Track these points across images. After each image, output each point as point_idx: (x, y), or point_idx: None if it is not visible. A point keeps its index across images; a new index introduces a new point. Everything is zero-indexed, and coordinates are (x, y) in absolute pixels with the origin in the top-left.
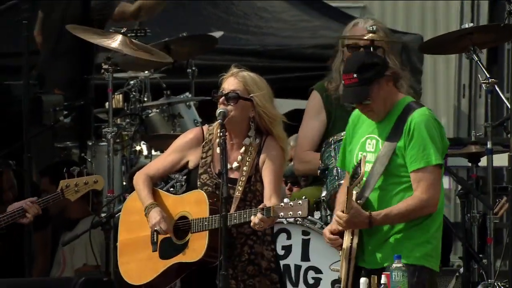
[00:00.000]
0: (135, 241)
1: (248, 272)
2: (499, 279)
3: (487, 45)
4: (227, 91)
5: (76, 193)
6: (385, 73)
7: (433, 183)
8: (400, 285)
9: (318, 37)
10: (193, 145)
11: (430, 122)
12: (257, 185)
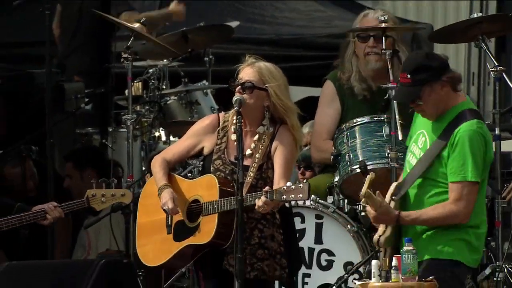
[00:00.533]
0: (151, 224)
1: (258, 256)
2: (506, 261)
3: (495, 34)
4: (243, 80)
5: (102, 204)
6: (441, 77)
7: (466, 197)
8: (410, 267)
9: (332, 27)
10: (208, 131)
11: (475, 137)
12: (269, 172)
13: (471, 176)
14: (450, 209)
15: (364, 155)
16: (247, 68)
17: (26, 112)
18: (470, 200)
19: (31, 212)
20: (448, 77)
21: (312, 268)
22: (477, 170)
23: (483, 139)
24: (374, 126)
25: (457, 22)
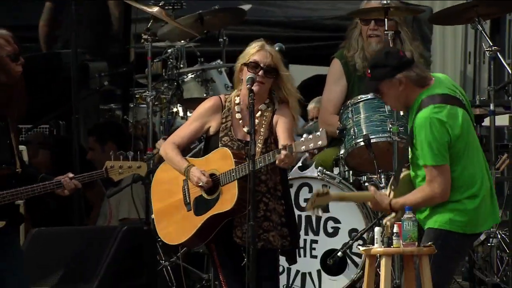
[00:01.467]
0: (168, 207)
1: (264, 227)
2: (500, 228)
3: (490, 16)
4: (263, 64)
5: (119, 174)
6: (395, 75)
7: (436, 179)
8: (410, 233)
9: (337, 9)
10: (213, 112)
11: (428, 124)
12: (272, 146)
13: (430, 161)
14: (426, 192)
15: (368, 129)
16: (262, 52)
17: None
18: (441, 180)
19: (48, 183)
20: (404, 76)
21: (319, 235)
22: (434, 154)
23: (439, 121)
24: (377, 102)
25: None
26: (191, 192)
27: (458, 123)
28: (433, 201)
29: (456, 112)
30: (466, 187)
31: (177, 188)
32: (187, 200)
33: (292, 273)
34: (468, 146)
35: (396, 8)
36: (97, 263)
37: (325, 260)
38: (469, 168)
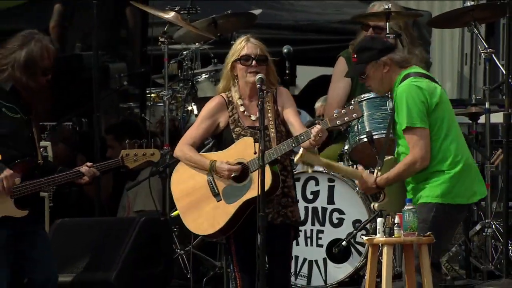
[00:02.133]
0: (195, 201)
1: (282, 204)
2: (494, 218)
3: (485, 20)
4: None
5: (134, 162)
6: (380, 58)
7: (415, 142)
8: (410, 224)
9: (342, 14)
10: (219, 109)
11: (408, 89)
12: (281, 127)
13: (410, 122)
14: (407, 160)
15: (371, 126)
16: (249, 44)
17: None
18: (419, 144)
19: (69, 172)
20: (389, 58)
21: (325, 225)
22: (413, 117)
23: (418, 88)
24: (379, 101)
25: (452, 9)
26: (218, 184)
27: (436, 94)
28: (414, 166)
29: (434, 86)
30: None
31: (201, 183)
32: (216, 191)
33: (299, 261)
34: (449, 120)
35: (397, 13)
36: (117, 251)
37: (331, 249)
38: (451, 140)
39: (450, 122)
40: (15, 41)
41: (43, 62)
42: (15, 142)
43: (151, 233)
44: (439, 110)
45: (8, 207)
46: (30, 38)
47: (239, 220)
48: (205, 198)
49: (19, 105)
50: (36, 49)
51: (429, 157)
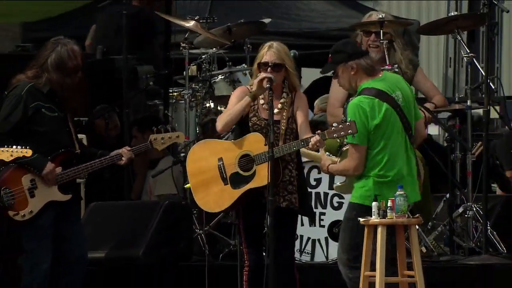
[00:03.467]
0: (205, 181)
1: (288, 190)
2: (475, 202)
3: (467, 28)
4: (271, 62)
5: (162, 145)
6: (349, 61)
7: (351, 155)
8: (401, 207)
9: (342, 23)
10: (243, 98)
11: (353, 109)
12: (293, 124)
13: (351, 139)
14: (344, 165)
15: None
16: (269, 52)
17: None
18: (354, 157)
19: (110, 156)
20: (355, 63)
21: (326, 208)
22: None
23: (362, 110)
24: None
25: (438, 19)
26: (227, 169)
27: (378, 115)
28: (347, 173)
29: (380, 106)
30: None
31: (213, 165)
32: (224, 175)
33: (304, 240)
34: (389, 135)
35: (390, 22)
36: (144, 231)
37: (332, 229)
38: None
39: (386, 139)
40: (45, 49)
41: (71, 61)
42: (54, 137)
43: (173, 215)
44: (379, 130)
45: (54, 192)
46: (57, 43)
47: (241, 204)
48: (214, 180)
49: (56, 104)
50: (63, 51)
51: (361, 168)
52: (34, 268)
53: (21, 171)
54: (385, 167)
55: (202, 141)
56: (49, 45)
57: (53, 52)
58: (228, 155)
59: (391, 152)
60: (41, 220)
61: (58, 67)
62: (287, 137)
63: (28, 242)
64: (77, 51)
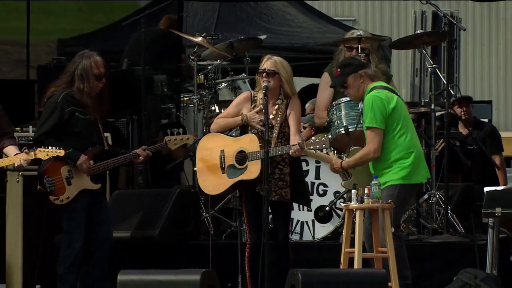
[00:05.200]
0: (208, 167)
1: (279, 186)
2: (438, 190)
3: (431, 44)
4: (266, 69)
5: (175, 145)
6: (357, 71)
7: (371, 140)
8: (376, 194)
9: (326, 38)
10: (245, 102)
11: (371, 98)
12: (286, 129)
13: (370, 123)
14: (364, 151)
15: (347, 122)
16: (267, 61)
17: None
18: (374, 140)
19: (129, 154)
20: (363, 71)
21: (313, 195)
22: (372, 119)
23: (379, 98)
24: (353, 103)
25: (407, 36)
26: (226, 161)
27: (393, 101)
28: (368, 156)
29: (392, 96)
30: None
31: (216, 155)
32: (223, 165)
33: (294, 222)
34: (404, 120)
35: (367, 38)
36: (159, 215)
37: (317, 213)
38: (405, 136)
39: (404, 122)
40: (73, 61)
41: (94, 71)
42: (87, 136)
43: (184, 201)
44: (395, 114)
45: (87, 182)
46: (83, 55)
47: (233, 191)
48: (215, 168)
49: (86, 108)
50: (87, 63)
51: (379, 151)
52: (70, 245)
53: (60, 163)
54: (411, 147)
55: (211, 134)
56: (76, 58)
57: (80, 63)
58: (228, 149)
59: (411, 133)
60: (76, 204)
61: (83, 76)
62: (279, 140)
63: (65, 222)
64: (99, 62)
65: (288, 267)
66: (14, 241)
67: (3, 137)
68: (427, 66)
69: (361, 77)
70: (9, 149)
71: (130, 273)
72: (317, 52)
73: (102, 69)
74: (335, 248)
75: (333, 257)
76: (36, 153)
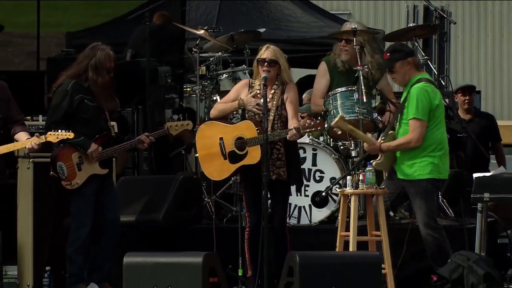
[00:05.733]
0: (210, 155)
1: (276, 165)
2: None
3: (423, 36)
4: (267, 59)
5: (175, 131)
6: (406, 58)
7: (414, 129)
8: (371, 180)
9: (322, 32)
10: (244, 87)
11: (420, 91)
12: (283, 111)
13: (415, 115)
14: (406, 138)
15: (342, 111)
16: (267, 50)
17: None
18: (418, 131)
19: (133, 140)
20: (412, 59)
21: (310, 181)
22: (418, 111)
23: (426, 92)
24: (349, 93)
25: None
26: (226, 147)
27: (438, 97)
28: (409, 145)
29: (436, 91)
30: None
31: (215, 142)
32: (224, 152)
33: (292, 207)
34: (442, 118)
35: (361, 31)
36: (163, 199)
37: (314, 198)
38: (441, 133)
39: (441, 118)
40: (86, 52)
41: (107, 64)
42: (95, 122)
43: (187, 187)
44: (438, 110)
45: (96, 167)
46: (97, 48)
47: (235, 175)
48: (216, 155)
49: (94, 96)
50: (101, 55)
51: (421, 141)
52: (79, 228)
53: (71, 149)
54: (442, 142)
55: (208, 122)
56: (89, 50)
57: (94, 55)
58: (227, 136)
59: (444, 129)
60: (85, 189)
61: (97, 68)
62: (275, 123)
63: (74, 206)
64: (112, 56)
65: (286, 249)
66: (25, 225)
67: (14, 124)
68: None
69: (408, 64)
70: (20, 135)
71: (136, 255)
72: (314, 44)
73: (113, 63)
74: (331, 232)
75: (329, 240)
76: (46, 137)
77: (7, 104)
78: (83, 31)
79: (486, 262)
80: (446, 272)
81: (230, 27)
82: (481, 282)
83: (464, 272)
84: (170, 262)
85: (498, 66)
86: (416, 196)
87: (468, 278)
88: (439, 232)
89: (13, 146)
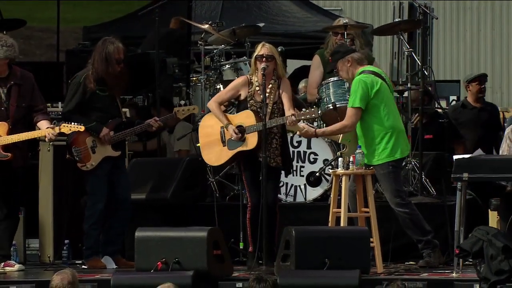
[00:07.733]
0: (210, 142)
1: (275, 154)
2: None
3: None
4: (265, 54)
5: (182, 115)
6: (345, 57)
7: (350, 115)
8: (360, 161)
9: (316, 26)
10: (243, 85)
11: (358, 82)
12: (280, 105)
13: (352, 103)
14: (342, 124)
15: (334, 99)
16: (263, 47)
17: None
18: (352, 118)
19: (143, 124)
20: (350, 57)
21: (305, 162)
22: (356, 100)
23: (363, 82)
24: (340, 82)
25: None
26: (226, 135)
27: (377, 85)
28: (344, 129)
29: (376, 80)
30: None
31: (216, 131)
32: (223, 139)
33: (288, 186)
34: (386, 102)
35: (352, 25)
36: (171, 179)
37: (309, 178)
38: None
39: (386, 103)
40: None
41: (116, 56)
42: (106, 109)
43: (192, 167)
44: (379, 96)
45: (108, 150)
46: (107, 42)
47: (234, 161)
48: (216, 142)
49: (106, 86)
50: (111, 48)
51: (355, 126)
52: (94, 205)
53: (85, 134)
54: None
55: (211, 112)
56: (101, 43)
57: (105, 48)
58: None
59: (394, 114)
60: (99, 170)
61: (106, 59)
62: (275, 115)
63: (90, 186)
64: (121, 48)
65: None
66: (46, 202)
67: (38, 113)
68: (404, 50)
69: (348, 61)
70: (42, 123)
71: (146, 230)
72: (308, 37)
73: (122, 55)
74: (324, 209)
75: (322, 216)
76: (60, 128)
77: (31, 93)
78: (98, 25)
79: (504, 235)
80: (467, 245)
81: (232, 22)
82: (499, 254)
83: (483, 245)
84: (178, 236)
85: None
86: (381, 179)
87: (488, 250)
88: (409, 207)
89: (32, 134)
